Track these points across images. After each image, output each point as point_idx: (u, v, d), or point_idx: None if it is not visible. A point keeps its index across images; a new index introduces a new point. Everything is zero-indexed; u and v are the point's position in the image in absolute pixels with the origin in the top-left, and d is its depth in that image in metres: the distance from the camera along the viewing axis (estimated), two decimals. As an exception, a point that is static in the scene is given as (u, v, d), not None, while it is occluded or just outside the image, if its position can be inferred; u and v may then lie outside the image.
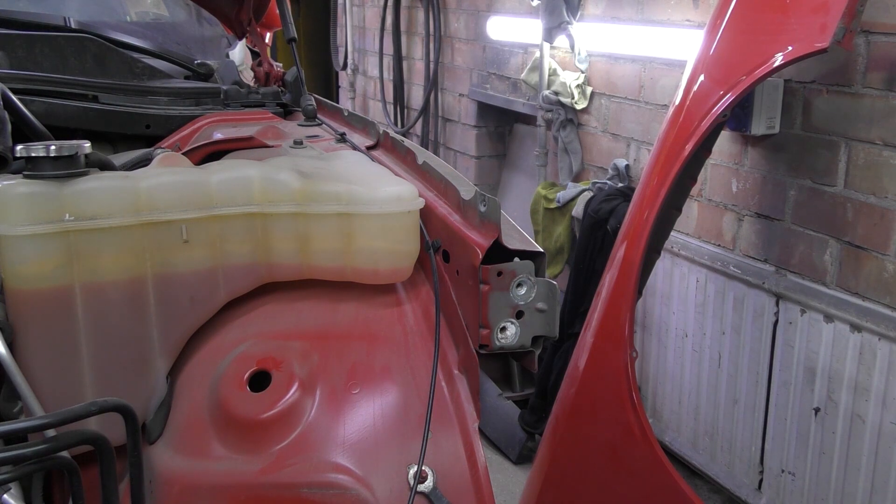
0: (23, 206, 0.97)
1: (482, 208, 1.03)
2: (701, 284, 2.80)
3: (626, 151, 3.23)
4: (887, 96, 2.22)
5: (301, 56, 4.09)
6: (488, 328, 1.00)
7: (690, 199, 2.86)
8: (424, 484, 0.98)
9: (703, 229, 2.88)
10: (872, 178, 2.27)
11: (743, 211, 2.74)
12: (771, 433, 2.61)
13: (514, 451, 3.22)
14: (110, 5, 2.36)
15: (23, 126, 1.30)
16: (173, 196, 1.04)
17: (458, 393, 1.05)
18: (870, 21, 2.23)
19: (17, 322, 0.99)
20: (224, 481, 0.99)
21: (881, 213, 2.26)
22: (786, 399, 2.54)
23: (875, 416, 2.24)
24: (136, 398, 1.05)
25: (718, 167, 2.78)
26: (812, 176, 2.47)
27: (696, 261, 2.81)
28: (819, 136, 2.42)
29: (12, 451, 0.80)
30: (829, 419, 2.39)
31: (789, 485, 2.56)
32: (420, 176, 1.23)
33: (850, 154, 2.33)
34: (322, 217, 1.09)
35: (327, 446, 0.99)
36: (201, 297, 1.08)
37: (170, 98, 1.65)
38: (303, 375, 1.03)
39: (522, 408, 3.28)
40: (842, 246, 2.40)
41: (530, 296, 1.00)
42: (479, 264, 0.98)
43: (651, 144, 2.94)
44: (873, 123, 2.26)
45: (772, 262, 2.64)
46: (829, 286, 2.44)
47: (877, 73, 2.24)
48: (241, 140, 1.47)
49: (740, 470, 2.75)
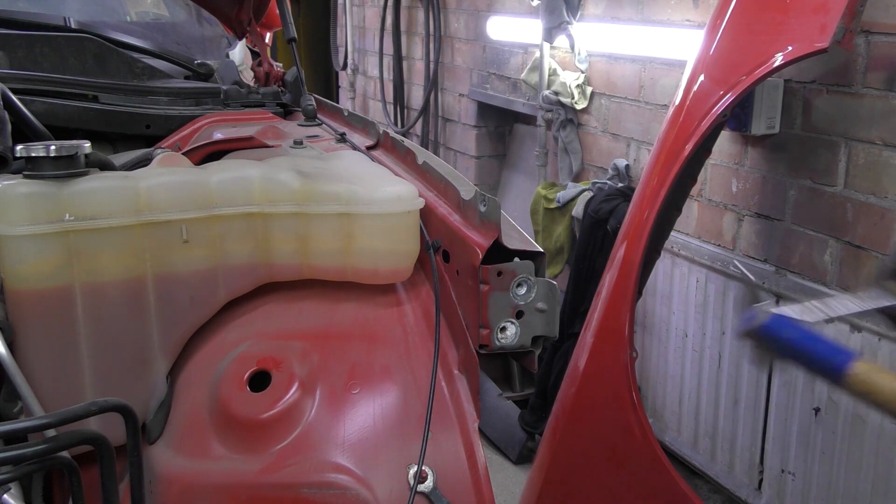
0: (23, 206, 0.97)
1: (482, 208, 1.03)
2: (701, 284, 2.80)
3: (626, 151, 3.23)
4: (887, 96, 2.22)
5: (301, 56, 4.09)
6: (488, 328, 1.00)
7: (690, 199, 2.86)
8: (424, 484, 0.98)
9: (704, 229, 2.88)
10: (872, 178, 2.27)
11: (743, 211, 2.74)
12: (771, 433, 2.61)
13: (514, 451, 3.22)
14: (110, 5, 2.36)
15: (23, 126, 1.30)
16: (173, 196, 1.04)
17: (458, 393, 1.05)
18: (870, 21, 2.23)
19: (17, 322, 0.99)
20: (224, 481, 0.99)
21: (881, 213, 2.26)
22: (786, 399, 2.54)
23: (875, 416, 2.24)
24: (136, 398, 1.05)
25: (718, 167, 2.78)
26: (812, 176, 2.46)
27: (697, 261, 2.81)
28: (819, 136, 2.42)
29: (12, 451, 0.81)
30: (830, 419, 2.39)
31: (789, 485, 2.56)
32: (420, 176, 1.23)
33: (850, 154, 2.33)
34: (322, 217, 1.09)
35: (327, 446, 0.99)
36: (201, 297, 1.08)
37: (170, 98, 1.65)
38: (303, 375, 1.03)
39: (522, 408, 3.28)
40: (842, 246, 2.39)
41: (530, 296, 1.00)
42: (479, 264, 0.98)
43: (651, 144, 2.94)
44: (873, 123, 2.26)
45: (772, 262, 2.64)
46: (829, 286, 2.44)
47: (877, 73, 2.24)
48: (241, 140, 1.47)
49: (740, 470, 2.75)
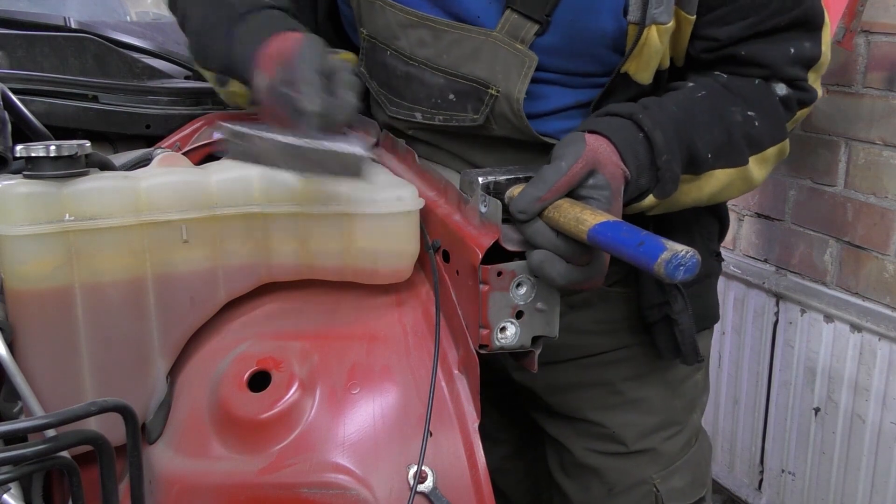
0: (23, 206, 0.97)
1: (482, 209, 1.03)
2: (701, 284, 2.80)
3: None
4: (887, 96, 2.22)
5: (301, 56, 4.07)
6: (488, 328, 1.00)
7: (690, 199, 2.86)
8: (424, 484, 0.98)
9: (703, 229, 2.87)
10: (872, 178, 2.27)
11: (743, 211, 2.74)
12: (771, 433, 2.61)
13: (514, 451, 3.21)
14: (110, 5, 2.36)
15: (23, 126, 1.30)
16: (173, 196, 1.04)
17: (458, 393, 1.05)
18: (870, 21, 2.23)
19: (17, 322, 0.99)
20: (224, 481, 0.99)
21: (881, 213, 2.26)
22: (786, 399, 2.54)
23: (875, 416, 2.24)
24: (136, 398, 1.05)
25: (718, 167, 2.78)
26: (812, 176, 2.47)
27: (696, 261, 2.81)
28: (819, 136, 2.42)
29: (12, 451, 0.81)
30: (829, 419, 2.39)
31: (789, 485, 2.56)
32: (420, 176, 1.23)
33: (850, 154, 2.33)
34: (322, 217, 1.09)
35: (327, 446, 0.99)
36: (201, 297, 1.08)
37: (170, 98, 1.65)
38: (303, 375, 1.03)
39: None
40: (842, 246, 2.40)
41: (530, 296, 1.00)
42: (479, 264, 0.98)
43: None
44: (873, 123, 2.26)
45: (772, 262, 2.64)
46: (829, 286, 2.44)
47: (877, 73, 2.24)
48: (241, 140, 1.47)
49: (740, 470, 2.76)
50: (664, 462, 1.45)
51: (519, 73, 1.20)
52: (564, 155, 1.01)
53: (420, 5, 1.25)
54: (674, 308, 1.34)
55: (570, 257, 0.97)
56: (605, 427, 1.44)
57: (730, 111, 1.21)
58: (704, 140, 1.17)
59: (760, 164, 1.25)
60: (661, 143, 1.11)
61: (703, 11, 1.19)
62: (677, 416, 1.47)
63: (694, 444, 1.50)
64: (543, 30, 1.20)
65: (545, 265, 0.96)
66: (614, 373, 1.43)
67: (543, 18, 1.19)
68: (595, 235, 0.90)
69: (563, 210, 0.96)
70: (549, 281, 0.98)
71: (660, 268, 0.81)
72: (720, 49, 1.23)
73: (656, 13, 1.13)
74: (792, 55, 1.24)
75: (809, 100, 1.30)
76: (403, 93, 1.31)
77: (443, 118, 1.29)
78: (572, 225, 0.93)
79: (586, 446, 1.46)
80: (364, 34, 1.33)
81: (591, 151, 1.02)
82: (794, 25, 1.23)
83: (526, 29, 1.20)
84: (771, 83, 1.26)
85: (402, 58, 1.29)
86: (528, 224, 0.98)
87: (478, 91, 1.23)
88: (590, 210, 0.94)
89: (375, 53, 1.33)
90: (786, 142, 1.28)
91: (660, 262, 0.81)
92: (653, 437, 1.44)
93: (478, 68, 1.22)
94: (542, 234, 0.97)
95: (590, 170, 1.01)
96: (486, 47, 1.21)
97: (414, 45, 1.27)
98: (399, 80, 1.31)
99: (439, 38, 1.24)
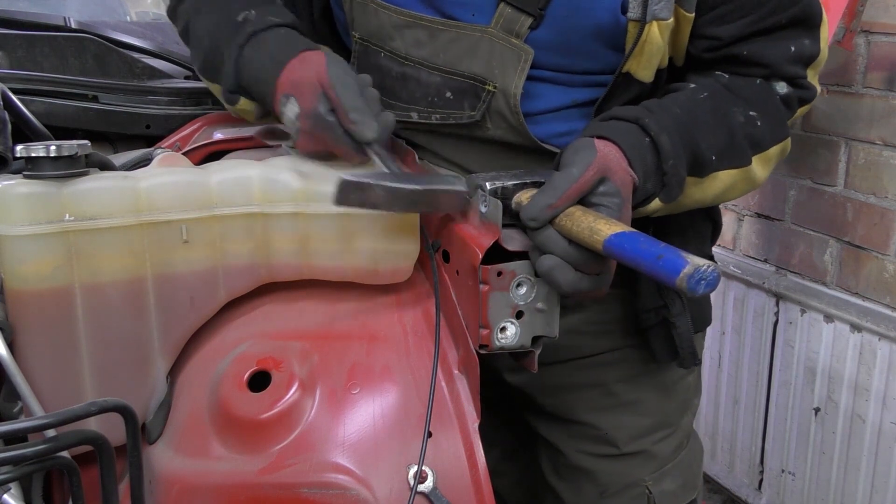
0: (23, 206, 0.97)
1: (482, 209, 1.03)
2: (701, 284, 2.80)
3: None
4: (887, 96, 2.22)
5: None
6: (488, 328, 1.00)
7: (690, 199, 2.86)
8: (424, 484, 0.98)
9: (703, 229, 2.87)
10: (872, 178, 2.27)
11: (743, 211, 2.74)
12: (771, 433, 2.61)
13: (514, 451, 3.21)
14: (110, 5, 2.36)
15: (23, 126, 1.30)
16: (173, 196, 1.04)
17: (458, 393, 1.05)
18: (870, 21, 2.23)
19: (17, 322, 0.99)
20: (224, 481, 0.99)
21: (881, 213, 2.26)
22: (786, 399, 2.54)
23: (875, 416, 2.25)
24: (136, 398, 1.05)
25: (718, 167, 2.78)
26: (812, 176, 2.47)
27: (696, 261, 2.81)
28: (819, 136, 2.43)
29: (12, 451, 0.80)
30: (829, 419, 2.39)
31: (789, 485, 2.56)
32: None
33: (850, 154, 2.33)
34: (322, 217, 1.08)
35: (327, 446, 0.99)
36: (201, 297, 1.08)
37: (170, 98, 1.65)
38: (303, 375, 1.03)
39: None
40: (842, 246, 2.40)
41: (530, 296, 1.00)
42: (479, 264, 0.98)
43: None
44: (873, 123, 2.26)
45: (772, 262, 2.64)
46: (829, 286, 2.44)
47: (877, 73, 2.24)
48: (241, 140, 1.47)
49: (740, 470, 2.76)
50: (657, 464, 1.45)
51: (515, 67, 1.20)
52: (575, 161, 1.00)
53: (413, 5, 1.24)
54: (672, 311, 1.33)
55: (581, 266, 0.96)
56: (598, 429, 1.44)
57: (732, 112, 1.20)
58: (708, 142, 1.16)
59: (763, 163, 1.25)
60: (667, 147, 1.10)
61: (703, 10, 1.19)
62: (670, 418, 1.47)
63: (686, 447, 1.50)
64: (537, 23, 1.20)
65: (555, 272, 0.95)
66: (608, 374, 1.43)
67: (537, 12, 1.18)
68: (611, 247, 0.89)
69: (576, 218, 0.95)
70: (557, 287, 0.97)
71: (682, 282, 0.80)
72: (722, 48, 1.23)
73: (657, 9, 1.13)
74: (792, 53, 1.24)
75: (809, 97, 1.30)
76: (399, 93, 1.31)
77: (439, 116, 1.28)
78: (586, 234, 0.92)
79: (579, 448, 1.45)
80: (356, 37, 1.32)
81: (601, 158, 1.01)
82: (794, 23, 1.23)
83: (520, 23, 1.19)
84: (772, 82, 1.26)
85: (397, 59, 1.29)
86: (538, 231, 0.97)
87: (475, 87, 1.23)
88: (603, 219, 0.93)
89: (368, 56, 1.32)
90: (787, 140, 1.28)
91: (682, 276, 0.80)
92: (645, 439, 1.44)
93: (474, 65, 1.22)
94: (553, 241, 0.96)
95: (601, 177, 1.00)
96: (483, 44, 1.21)
97: (409, 46, 1.26)
98: (394, 81, 1.31)
99: (435, 37, 1.24)
